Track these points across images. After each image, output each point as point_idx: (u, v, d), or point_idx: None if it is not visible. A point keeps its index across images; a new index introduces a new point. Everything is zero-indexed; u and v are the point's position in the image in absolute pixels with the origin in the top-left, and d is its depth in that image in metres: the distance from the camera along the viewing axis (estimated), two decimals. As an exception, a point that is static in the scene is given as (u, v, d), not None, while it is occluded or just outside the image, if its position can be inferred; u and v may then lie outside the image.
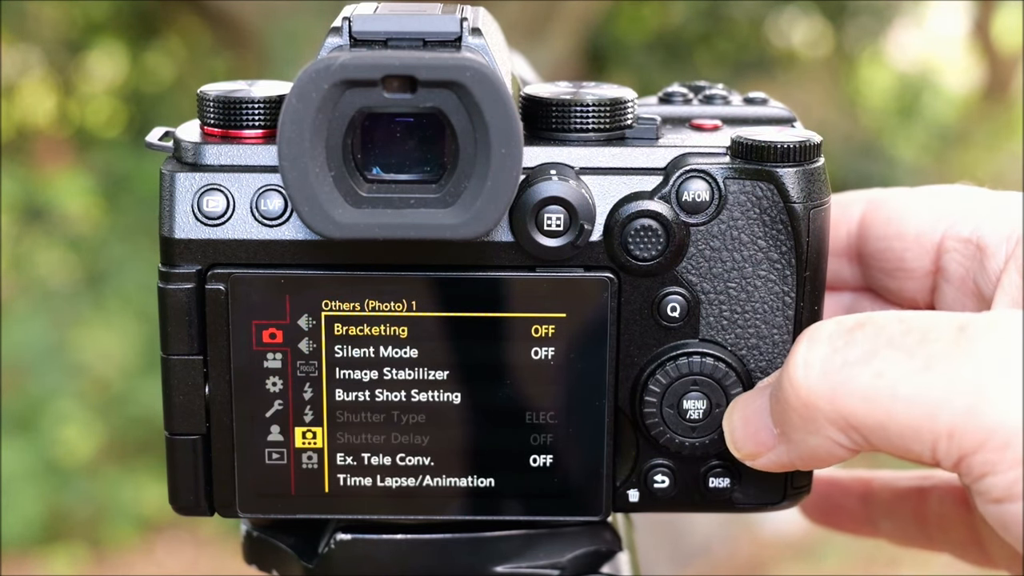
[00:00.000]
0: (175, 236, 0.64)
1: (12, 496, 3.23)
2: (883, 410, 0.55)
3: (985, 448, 0.53)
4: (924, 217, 0.70)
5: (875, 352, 0.56)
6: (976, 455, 0.53)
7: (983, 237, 0.67)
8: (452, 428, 0.66)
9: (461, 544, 0.70)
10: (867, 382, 0.55)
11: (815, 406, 0.57)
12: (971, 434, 0.53)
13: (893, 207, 0.71)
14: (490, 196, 0.58)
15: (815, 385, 0.57)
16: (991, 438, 0.52)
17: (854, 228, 0.73)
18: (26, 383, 3.46)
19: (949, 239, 0.69)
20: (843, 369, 0.56)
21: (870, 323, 0.58)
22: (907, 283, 0.71)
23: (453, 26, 0.62)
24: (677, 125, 0.70)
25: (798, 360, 0.58)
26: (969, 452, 0.53)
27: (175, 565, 3.42)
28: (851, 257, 0.74)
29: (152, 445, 3.39)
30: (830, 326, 0.59)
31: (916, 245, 0.70)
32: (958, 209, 0.69)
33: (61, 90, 4.64)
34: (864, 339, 0.57)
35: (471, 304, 0.65)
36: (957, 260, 0.69)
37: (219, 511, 0.68)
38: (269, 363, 0.65)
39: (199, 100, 0.66)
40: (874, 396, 0.55)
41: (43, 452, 3.33)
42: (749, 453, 0.64)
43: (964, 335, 0.54)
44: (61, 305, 3.64)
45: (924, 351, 0.55)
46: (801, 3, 6.02)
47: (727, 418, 0.65)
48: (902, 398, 0.54)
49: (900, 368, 0.55)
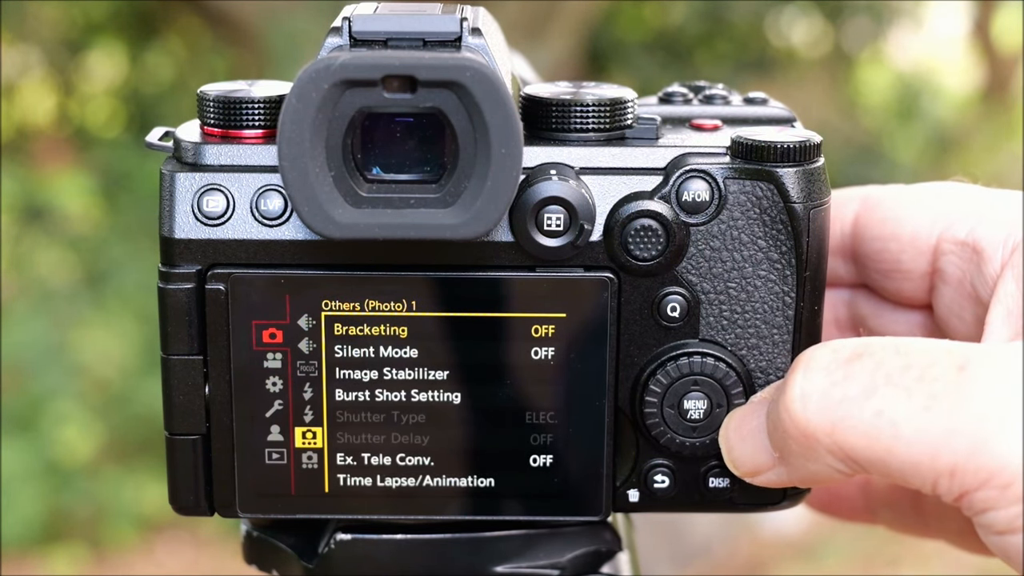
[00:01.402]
0: (175, 236, 0.64)
1: (12, 496, 3.23)
2: (884, 448, 0.55)
3: (987, 487, 0.53)
4: (920, 218, 0.69)
5: (874, 389, 0.56)
6: (978, 492, 0.53)
7: (979, 240, 0.66)
8: (452, 428, 0.66)
9: (461, 544, 0.70)
10: (867, 419, 0.55)
11: (814, 438, 0.57)
12: (972, 474, 0.53)
13: (888, 207, 0.71)
14: (490, 196, 0.58)
15: (814, 418, 0.57)
16: (993, 478, 0.53)
17: (848, 227, 0.72)
18: (26, 383, 3.46)
19: (945, 241, 0.68)
20: (842, 404, 0.56)
21: (868, 355, 0.57)
22: (904, 284, 0.71)
23: (453, 26, 0.62)
24: (677, 125, 0.70)
25: (795, 391, 0.58)
26: (971, 490, 0.54)
27: (175, 565, 3.41)
28: (846, 255, 0.73)
29: (152, 445, 3.39)
30: (826, 355, 0.58)
31: (912, 247, 0.69)
32: (954, 210, 0.68)
33: (61, 90, 4.64)
34: (863, 373, 0.56)
35: (471, 304, 0.65)
36: (954, 263, 0.68)
37: (219, 511, 0.68)
38: (269, 363, 0.65)
39: (199, 100, 0.66)
40: (875, 434, 0.55)
41: (43, 452, 3.33)
42: (748, 472, 0.64)
43: (964, 374, 0.54)
44: (61, 305, 3.63)
45: (924, 390, 0.55)
46: (801, 3, 6.02)
47: (723, 434, 0.65)
48: (903, 437, 0.54)
49: (900, 407, 0.55)
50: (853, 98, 6.14)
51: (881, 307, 0.75)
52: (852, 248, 0.73)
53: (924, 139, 5.89)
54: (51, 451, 3.34)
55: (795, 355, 0.67)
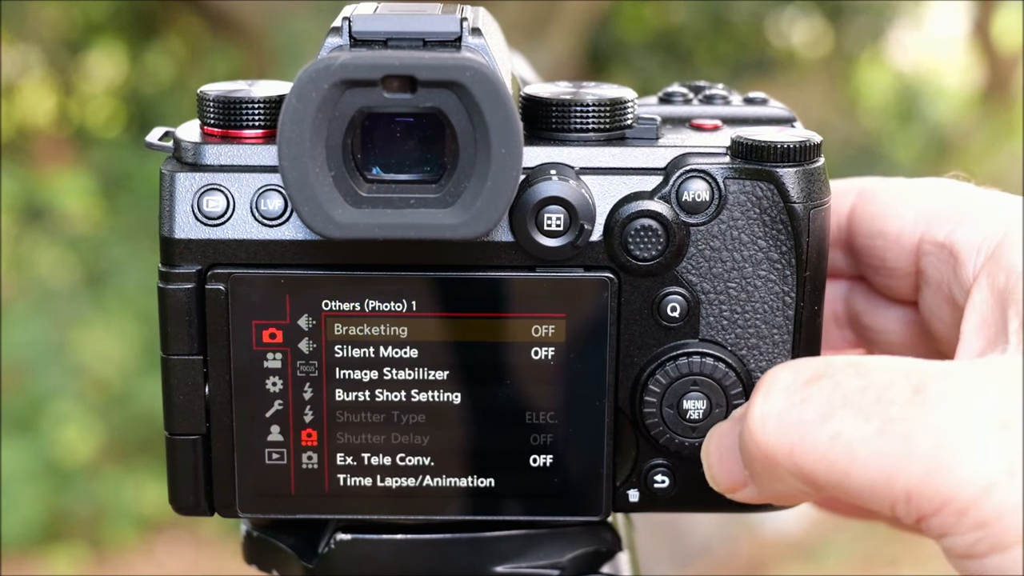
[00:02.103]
0: (175, 236, 0.64)
1: (12, 496, 3.23)
2: (841, 471, 0.55)
3: (943, 512, 0.52)
4: (905, 217, 0.68)
5: (831, 412, 0.55)
6: (934, 518, 0.53)
7: (956, 243, 0.65)
8: (452, 428, 0.66)
9: (461, 544, 0.70)
10: (824, 443, 0.55)
11: (775, 460, 0.57)
12: (928, 500, 0.53)
13: (879, 203, 0.70)
14: (490, 196, 0.58)
15: (773, 440, 0.57)
16: (949, 504, 0.52)
17: (844, 220, 0.71)
18: (26, 383, 3.46)
19: (925, 242, 0.67)
20: (800, 427, 0.56)
21: (827, 376, 0.57)
22: (892, 281, 0.71)
23: (453, 26, 0.62)
24: (677, 125, 0.70)
25: (755, 412, 0.58)
26: (927, 515, 0.53)
27: (175, 565, 3.42)
28: (844, 248, 0.73)
29: (152, 445, 3.39)
30: (787, 376, 0.58)
31: (896, 246, 0.69)
32: (936, 210, 0.67)
33: (61, 90, 4.64)
34: (821, 395, 0.56)
35: (471, 304, 0.65)
36: (933, 264, 0.67)
37: (219, 511, 0.68)
38: (269, 363, 0.65)
39: (199, 100, 0.66)
40: (832, 457, 0.55)
41: (43, 452, 3.33)
42: (726, 489, 0.64)
43: (920, 397, 0.54)
44: (61, 305, 3.63)
45: (880, 413, 0.54)
46: (801, 3, 6.02)
47: (704, 449, 0.65)
48: (859, 461, 0.54)
49: (856, 431, 0.54)
50: (853, 98, 6.14)
51: (875, 302, 0.75)
52: (848, 241, 0.72)
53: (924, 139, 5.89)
54: (51, 451, 3.34)
55: (795, 355, 0.67)
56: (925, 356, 0.72)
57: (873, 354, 0.76)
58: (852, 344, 0.78)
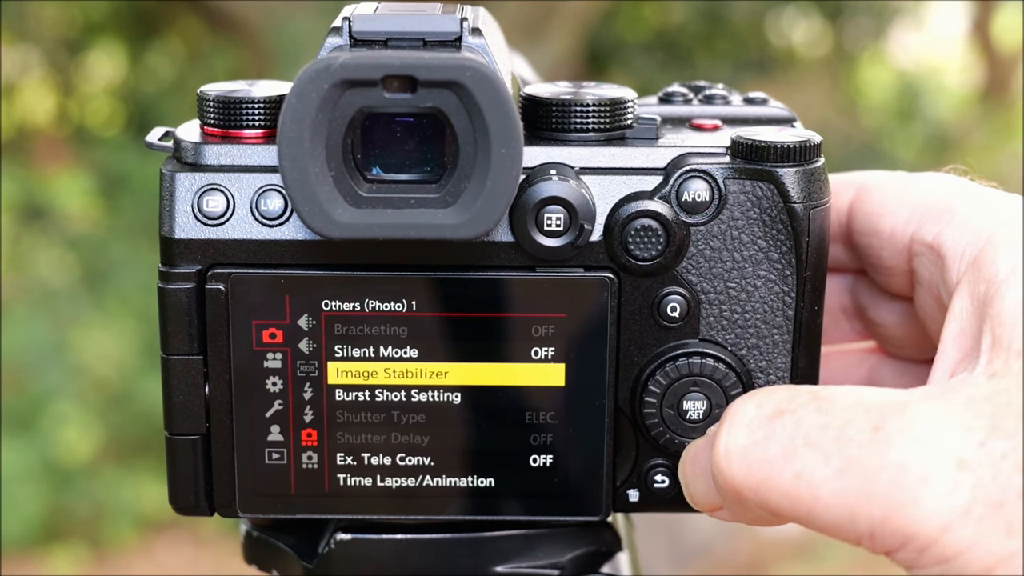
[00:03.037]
0: (175, 236, 0.64)
1: (12, 496, 3.23)
2: (805, 508, 0.55)
3: (906, 549, 0.53)
4: (898, 215, 0.67)
5: (793, 451, 0.56)
6: (899, 554, 0.54)
7: (943, 246, 0.63)
8: (452, 428, 0.66)
9: (461, 544, 0.70)
10: (788, 482, 0.55)
11: (741, 494, 0.57)
12: (890, 537, 0.53)
13: (875, 200, 0.69)
14: (490, 196, 0.58)
15: (738, 476, 0.57)
16: (910, 542, 0.53)
17: (844, 216, 0.71)
18: (26, 383, 3.46)
19: (916, 242, 0.66)
20: (763, 466, 0.56)
21: (789, 412, 0.57)
22: (890, 278, 0.70)
23: (453, 26, 0.62)
24: (677, 125, 0.70)
25: (720, 448, 0.58)
26: (892, 551, 0.54)
27: (175, 565, 3.42)
28: (845, 242, 0.72)
29: (152, 445, 3.39)
30: (750, 411, 0.58)
31: (890, 244, 0.68)
32: (927, 208, 0.66)
33: (61, 90, 4.64)
34: (783, 432, 0.56)
35: (471, 304, 0.65)
36: (924, 264, 0.66)
37: (219, 511, 0.68)
38: (269, 363, 0.65)
39: (199, 100, 0.66)
40: (795, 495, 0.55)
41: (43, 452, 3.33)
42: (705, 508, 0.64)
43: (877, 436, 0.54)
44: (61, 305, 3.63)
45: (840, 453, 0.54)
46: (801, 3, 6.02)
47: (680, 468, 0.65)
48: (821, 500, 0.55)
49: (818, 471, 0.55)
50: (853, 98, 6.14)
51: (877, 296, 0.74)
52: (848, 237, 0.72)
53: (924, 138, 5.89)
54: (51, 451, 3.34)
55: (795, 355, 0.67)
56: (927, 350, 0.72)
57: (882, 346, 0.77)
58: (861, 336, 0.77)
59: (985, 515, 0.52)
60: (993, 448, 0.52)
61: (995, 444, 0.52)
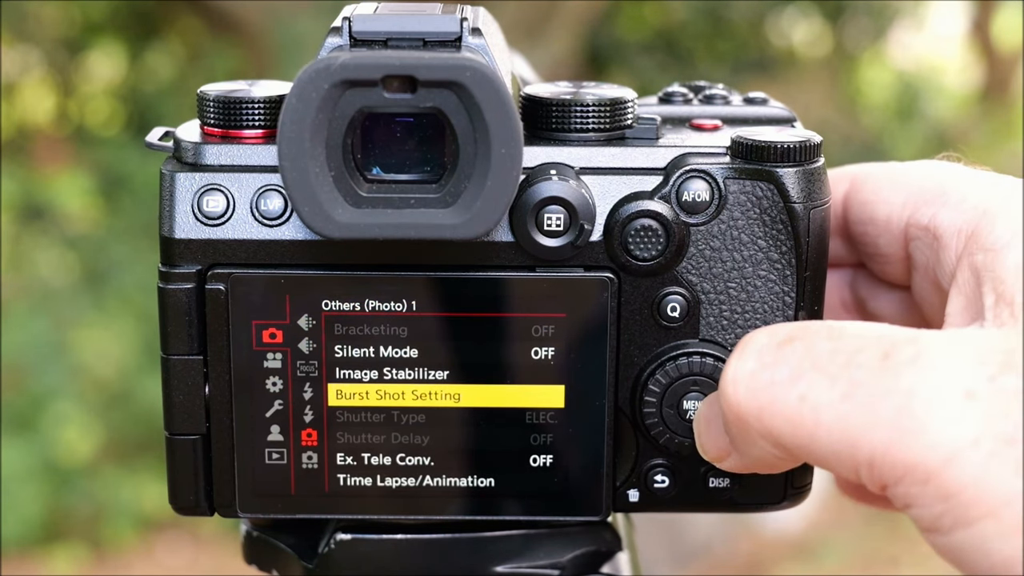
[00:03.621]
0: (175, 236, 0.64)
1: (12, 496, 3.23)
2: (807, 434, 0.54)
3: (904, 482, 0.51)
4: (893, 202, 0.67)
5: (800, 374, 0.55)
6: (897, 487, 0.52)
7: (939, 227, 0.63)
8: (452, 428, 0.66)
9: (461, 544, 0.70)
10: (792, 404, 0.54)
11: (745, 421, 0.56)
12: (890, 466, 0.51)
13: (869, 189, 0.69)
14: (490, 196, 0.58)
15: (743, 402, 0.56)
16: (909, 473, 0.51)
17: (839, 209, 0.71)
18: (26, 383, 3.46)
19: (911, 226, 0.66)
20: (769, 388, 0.55)
21: (800, 339, 0.56)
22: (887, 267, 0.70)
23: (453, 26, 0.62)
24: (677, 125, 0.70)
25: (728, 374, 0.57)
26: (890, 484, 0.52)
27: (175, 565, 3.42)
28: (842, 235, 0.72)
29: (152, 445, 3.39)
30: (762, 338, 0.57)
31: (886, 231, 0.68)
32: (922, 193, 0.66)
33: (61, 90, 4.64)
34: (792, 356, 0.55)
35: (471, 304, 0.65)
36: (920, 249, 0.66)
37: (219, 511, 0.68)
38: (269, 363, 0.65)
39: (199, 100, 0.66)
40: (798, 419, 0.54)
41: (43, 452, 3.33)
42: (714, 457, 0.63)
43: (887, 363, 0.53)
44: (61, 305, 3.63)
45: (847, 377, 0.53)
46: (801, 3, 6.02)
47: (696, 418, 0.65)
48: (824, 424, 0.53)
49: (823, 394, 0.53)
50: (853, 97, 6.14)
51: (876, 287, 0.74)
52: (844, 228, 0.72)
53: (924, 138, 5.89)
54: (51, 451, 3.34)
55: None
56: None
57: None
58: None
59: (995, 451, 0.49)
60: (1005, 383, 0.51)
61: (1007, 380, 0.51)
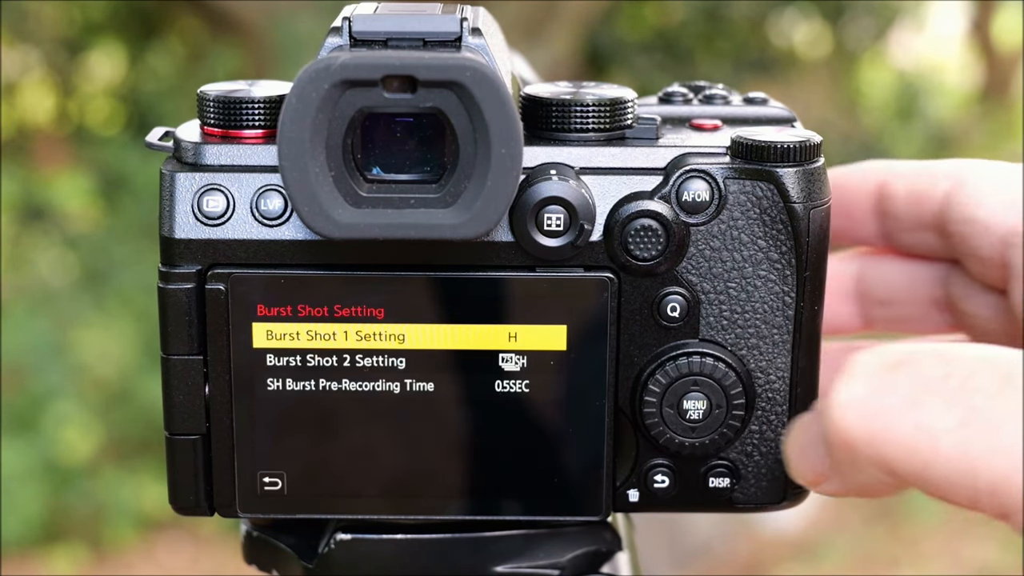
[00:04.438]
0: (175, 236, 0.64)
1: (12, 496, 3.23)
2: (922, 461, 0.52)
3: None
4: (995, 204, 0.67)
5: (914, 400, 0.53)
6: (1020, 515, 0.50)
7: None
8: (453, 428, 0.66)
9: (461, 544, 0.70)
10: (907, 432, 0.53)
11: (856, 449, 0.55)
12: (1012, 496, 0.50)
13: (970, 190, 0.68)
14: (490, 196, 0.58)
15: (854, 428, 0.54)
16: None
17: (936, 207, 0.70)
18: (26, 383, 3.47)
19: (1012, 233, 0.66)
20: (882, 415, 0.53)
21: (911, 363, 0.54)
22: (984, 269, 0.70)
23: (453, 26, 0.62)
24: (677, 125, 0.70)
25: (836, 400, 0.55)
26: (1011, 512, 0.51)
27: (175, 565, 3.42)
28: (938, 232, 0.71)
29: (152, 445, 3.39)
30: (870, 361, 0.55)
31: (986, 233, 0.67)
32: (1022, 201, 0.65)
33: (61, 90, 4.64)
34: (904, 381, 0.54)
35: (471, 304, 0.65)
36: (1018, 255, 0.66)
37: (219, 511, 0.68)
38: (269, 363, 0.65)
39: (199, 100, 0.66)
40: (913, 447, 0.52)
41: (43, 452, 3.33)
42: (809, 481, 0.62)
43: (1008, 386, 0.51)
44: (61, 305, 3.64)
45: (964, 403, 0.51)
46: (801, 3, 6.02)
47: (786, 442, 0.63)
48: (942, 452, 0.51)
49: (940, 421, 0.52)
50: (853, 97, 6.15)
51: (971, 287, 0.73)
52: (942, 226, 0.71)
53: (924, 138, 5.89)
54: (51, 451, 3.34)
55: (795, 355, 0.67)
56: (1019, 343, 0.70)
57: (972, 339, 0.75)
58: (951, 328, 0.77)
59: None
60: None
61: None
